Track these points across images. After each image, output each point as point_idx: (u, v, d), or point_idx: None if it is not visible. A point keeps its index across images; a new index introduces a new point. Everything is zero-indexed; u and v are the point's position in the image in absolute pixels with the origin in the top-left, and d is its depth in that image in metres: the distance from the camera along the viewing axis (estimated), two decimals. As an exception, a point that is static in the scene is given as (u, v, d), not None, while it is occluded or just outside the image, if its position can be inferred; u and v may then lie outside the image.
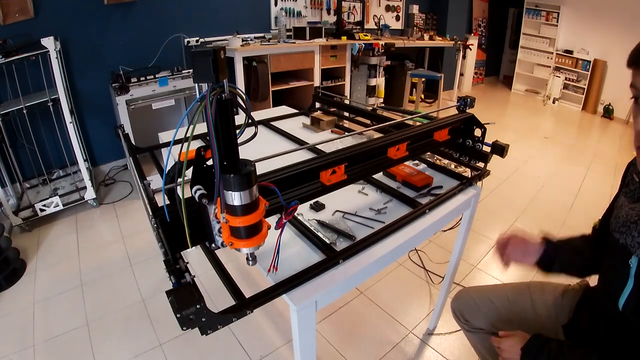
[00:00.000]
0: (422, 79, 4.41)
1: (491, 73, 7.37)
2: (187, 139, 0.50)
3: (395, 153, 0.96)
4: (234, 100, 0.54)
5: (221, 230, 0.60)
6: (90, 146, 2.96)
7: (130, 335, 1.53)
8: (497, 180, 3.01)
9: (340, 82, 3.97)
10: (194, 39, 3.15)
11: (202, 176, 0.59)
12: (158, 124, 3.02)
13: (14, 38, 2.23)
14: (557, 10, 5.75)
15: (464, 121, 1.15)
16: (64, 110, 2.20)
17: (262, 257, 0.77)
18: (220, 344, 1.49)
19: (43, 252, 2.06)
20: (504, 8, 6.80)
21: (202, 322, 0.59)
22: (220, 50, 0.49)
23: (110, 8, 2.72)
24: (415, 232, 0.95)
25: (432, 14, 5.72)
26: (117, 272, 1.90)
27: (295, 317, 0.73)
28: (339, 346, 1.51)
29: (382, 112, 1.68)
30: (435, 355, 1.49)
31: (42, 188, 2.55)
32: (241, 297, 0.73)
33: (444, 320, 1.60)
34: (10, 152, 2.39)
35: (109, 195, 2.69)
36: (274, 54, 3.23)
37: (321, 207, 1.03)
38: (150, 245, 2.10)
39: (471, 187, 1.18)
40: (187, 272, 0.65)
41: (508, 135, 4.21)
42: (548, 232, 0.93)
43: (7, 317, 1.63)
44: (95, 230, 2.28)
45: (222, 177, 0.52)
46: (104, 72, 2.71)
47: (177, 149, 1.14)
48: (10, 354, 1.44)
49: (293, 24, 3.85)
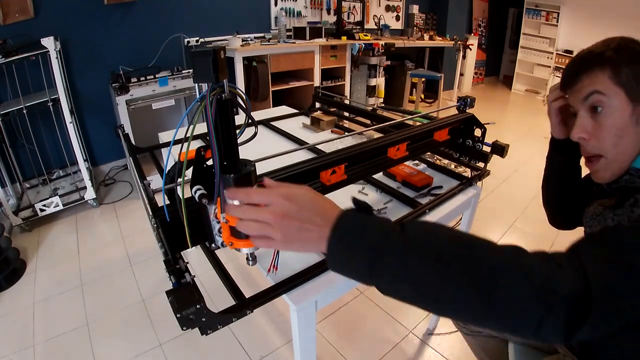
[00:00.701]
0: (422, 79, 4.41)
1: (491, 73, 7.37)
2: (187, 139, 0.51)
3: (395, 153, 0.96)
4: (234, 100, 0.54)
5: (221, 230, 0.60)
6: (90, 146, 2.96)
7: (130, 335, 1.53)
8: (497, 180, 3.01)
9: (340, 82, 3.97)
10: (194, 39, 3.15)
11: (202, 176, 0.59)
12: (158, 124, 3.02)
13: (14, 38, 2.23)
14: (557, 10, 5.75)
15: (464, 121, 1.15)
16: (64, 110, 2.20)
17: (262, 257, 0.77)
18: (220, 344, 1.49)
19: (43, 252, 2.06)
20: (504, 8, 6.80)
21: (202, 322, 0.60)
22: (220, 50, 0.49)
23: (110, 8, 2.72)
24: (415, 232, 0.95)
25: (432, 14, 5.72)
26: (117, 272, 1.90)
27: (295, 317, 0.73)
28: (339, 346, 1.51)
29: (382, 112, 1.68)
30: (435, 355, 1.49)
31: (42, 188, 2.54)
32: (241, 297, 0.73)
33: (444, 320, 1.60)
34: (10, 152, 2.39)
35: (109, 195, 2.69)
36: (274, 54, 3.23)
37: (321, 207, 1.03)
38: (150, 245, 2.10)
39: (471, 187, 1.18)
40: (187, 272, 0.65)
41: (508, 135, 4.21)
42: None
43: (7, 317, 1.63)
44: (95, 230, 2.28)
45: (222, 177, 0.52)
46: (104, 72, 2.71)
47: (177, 149, 1.14)
48: (10, 354, 1.44)
49: (293, 24, 3.85)
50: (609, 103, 0.60)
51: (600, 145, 0.63)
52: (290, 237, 0.48)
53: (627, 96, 0.59)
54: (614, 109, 0.60)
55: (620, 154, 0.62)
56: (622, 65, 0.59)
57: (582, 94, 0.63)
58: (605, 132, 0.61)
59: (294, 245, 0.49)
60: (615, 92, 0.59)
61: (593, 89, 0.61)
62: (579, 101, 0.65)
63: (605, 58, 0.60)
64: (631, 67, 0.58)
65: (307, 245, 0.49)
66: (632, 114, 0.59)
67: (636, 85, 0.58)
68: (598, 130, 0.63)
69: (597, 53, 0.62)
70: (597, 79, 0.61)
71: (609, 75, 0.60)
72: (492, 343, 1.05)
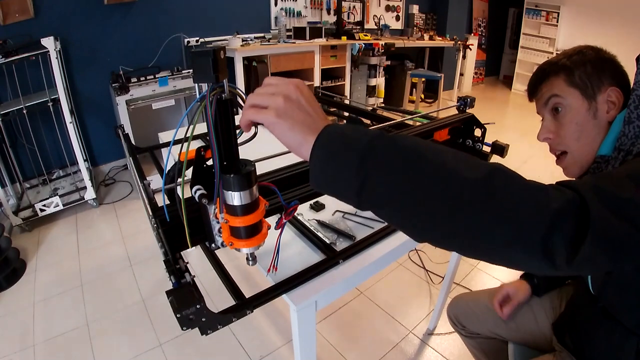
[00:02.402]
0: (422, 79, 4.41)
1: (491, 73, 7.37)
2: (187, 139, 0.50)
3: (395, 153, 0.96)
4: (234, 100, 0.54)
5: (221, 230, 0.60)
6: (90, 146, 2.96)
7: (130, 335, 1.53)
8: (497, 180, 3.00)
9: (340, 82, 3.97)
10: (194, 39, 3.15)
11: (202, 176, 0.59)
12: (158, 124, 3.02)
13: (14, 38, 2.23)
14: (557, 10, 5.75)
15: (464, 121, 1.15)
16: (64, 110, 2.20)
17: (262, 257, 0.77)
18: (220, 344, 1.49)
19: (43, 252, 2.06)
20: (504, 8, 6.80)
21: (202, 322, 0.59)
22: (220, 50, 0.49)
23: (110, 8, 2.72)
24: (415, 232, 0.95)
25: (432, 14, 5.72)
26: (117, 272, 1.90)
27: (295, 317, 0.73)
28: (339, 346, 1.51)
29: (382, 112, 1.68)
30: (435, 355, 1.49)
31: (42, 188, 2.54)
32: (241, 297, 0.73)
33: (444, 320, 1.60)
34: (10, 152, 2.39)
35: (109, 195, 2.69)
36: (274, 54, 3.23)
37: (321, 207, 1.03)
38: (150, 245, 2.10)
39: (471, 187, 1.18)
40: (187, 272, 0.65)
41: (508, 135, 4.21)
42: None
43: (7, 317, 1.63)
44: (95, 230, 2.28)
45: (222, 177, 0.52)
46: (104, 72, 2.71)
47: (177, 149, 1.14)
48: (11, 354, 1.44)
49: (293, 24, 3.85)
50: (566, 103, 0.69)
51: (564, 142, 0.71)
52: (286, 118, 0.45)
53: (582, 95, 0.67)
54: (571, 107, 0.69)
55: (583, 146, 0.69)
56: (575, 69, 0.67)
57: (543, 100, 0.73)
58: (566, 129, 0.70)
59: (285, 125, 0.45)
60: (571, 92, 0.68)
61: (551, 94, 0.71)
62: (542, 107, 0.74)
63: (560, 65, 0.69)
64: (582, 69, 0.67)
65: (295, 136, 0.44)
66: (588, 109, 0.67)
67: (589, 84, 0.66)
68: (560, 128, 0.71)
69: (553, 62, 0.71)
70: (553, 84, 0.70)
71: (563, 79, 0.69)
72: (491, 344, 1.06)
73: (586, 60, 0.67)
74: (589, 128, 0.67)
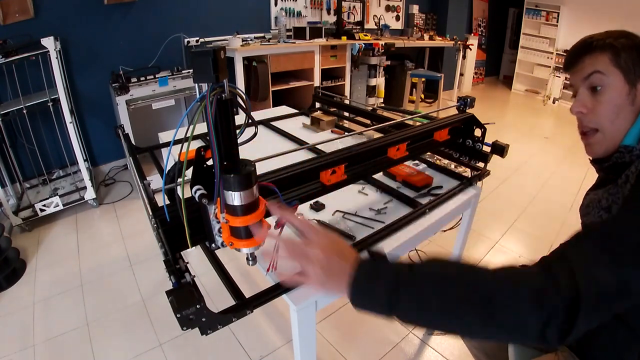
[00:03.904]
0: (422, 79, 4.41)
1: (491, 73, 7.37)
2: (187, 139, 0.51)
3: (395, 153, 0.96)
4: (234, 100, 0.54)
5: (221, 230, 0.60)
6: (90, 146, 2.96)
7: (130, 335, 1.53)
8: (497, 180, 3.00)
9: (340, 82, 3.97)
10: (194, 39, 3.15)
11: (202, 176, 0.59)
12: (158, 124, 3.02)
13: (14, 38, 2.23)
14: (557, 10, 5.75)
15: (464, 121, 1.15)
16: (64, 110, 2.20)
17: (262, 257, 0.77)
18: (220, 344, 1.49)
19: (43, 252, 2.06)
20: (504, 8, 6.80)
21: (202, 322, 0.59)
22: (220, 50, 0.50)
23: (110, 8, 2.72)
24: (415, 232, 0.95)
25: (432, 14, 5.72)
26: (117, 272, 1.90)
27: (295, 317, 0.73)
28: (339, 346, 1.51)
29: (382, 112, 1.68)
30: (435, 355, 1.49)
31: (42, 188, 2.54)
32: (241, 297, 0.73)
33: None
34: (10, 152, 2.39)
35: (109, 195, 2.69)
36: (274, 54, 3.23)
37: (321, 207, 1.03)
38: (150, 245, 2.10)
39: (471, 187, 1.18)
40: (187, 272, 0.65)
41: (508, 135, 4.21)
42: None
43: (7, 317, 1.63)
44: (95, 230, 2.28)
45: (222, 177, 0.52)
46: (104, 72, 2.71)
47: (177, 149, 1.14)
48: (11, 354, 1.44)
49: (293, 24, 3.85)
50: (608, 82, 0.67)
51: (598, 120, 0.69)
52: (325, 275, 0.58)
53: (625, 78, 0.66)
54: (612, 88, 0.67)
55: (615, 130, 0.68)
56: (621, 50, 0.65)
57: (583, 74, 0.70)
58: (604, 109, 0.68)
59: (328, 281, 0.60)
60: (615, 73, 0.66)
61: (594, 69, 0.68)
62: (579, 80, 0.71)
63: (607, 43, 0.67)
64: (629, 53, 0.65)
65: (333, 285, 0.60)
66: (628, 94, 0.66)
67: (633, 69, 0.65)
68: (597, 106, 0.69)
69: (599, 39, 0.69)
70: (598, 60, 0.67)
71: (609, 57, 0.66)
72: (491, 344, 1.05)
73: (633, 45, 0.66)
74: (625, 112, 0.67)
